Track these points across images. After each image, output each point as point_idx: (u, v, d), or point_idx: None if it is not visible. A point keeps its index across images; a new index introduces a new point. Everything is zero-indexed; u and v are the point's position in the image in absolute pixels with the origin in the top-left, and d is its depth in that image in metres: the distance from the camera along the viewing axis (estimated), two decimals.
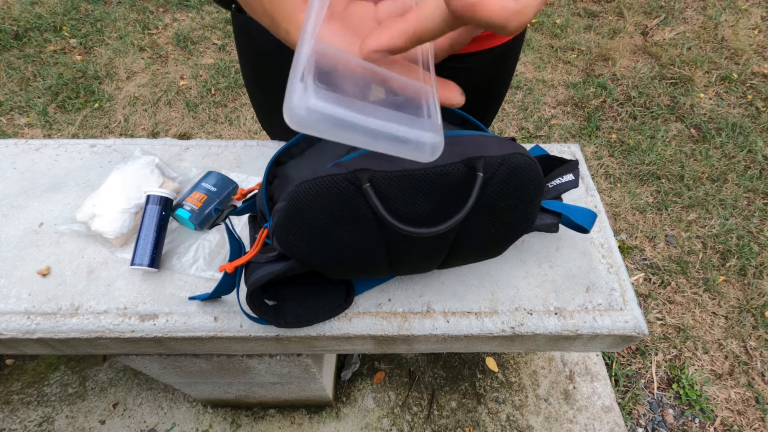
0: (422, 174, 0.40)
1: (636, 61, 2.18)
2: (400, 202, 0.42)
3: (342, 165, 0.41)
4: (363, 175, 0.40)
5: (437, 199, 0.43)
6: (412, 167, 0.40)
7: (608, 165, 1.78)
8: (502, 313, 0.59)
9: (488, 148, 0.42)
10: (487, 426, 1.14)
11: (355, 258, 0.49)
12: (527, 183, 0.44)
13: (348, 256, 0.48)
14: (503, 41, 0.64)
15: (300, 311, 0.56)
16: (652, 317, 1.40)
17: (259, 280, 0.48)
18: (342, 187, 0.40)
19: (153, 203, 0.62)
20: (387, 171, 0.40)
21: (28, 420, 1.13)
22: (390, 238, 0.45)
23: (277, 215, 0.43)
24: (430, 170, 0.40)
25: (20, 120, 1.87)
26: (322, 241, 0.46)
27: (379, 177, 0.40)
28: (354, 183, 0.40)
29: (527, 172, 0.43)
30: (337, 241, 0.46)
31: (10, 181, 0.72)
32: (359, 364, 1.22)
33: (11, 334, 0.58)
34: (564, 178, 0.58)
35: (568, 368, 1.23)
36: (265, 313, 0.52)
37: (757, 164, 1.77)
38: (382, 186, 0.40)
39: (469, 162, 0.40)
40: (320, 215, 0.43)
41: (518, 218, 0.49)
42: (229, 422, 1.13)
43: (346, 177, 0.40)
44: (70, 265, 0.63)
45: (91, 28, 2.25)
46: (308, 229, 0.44)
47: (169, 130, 1.87)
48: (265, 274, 0.48)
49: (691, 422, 1.22)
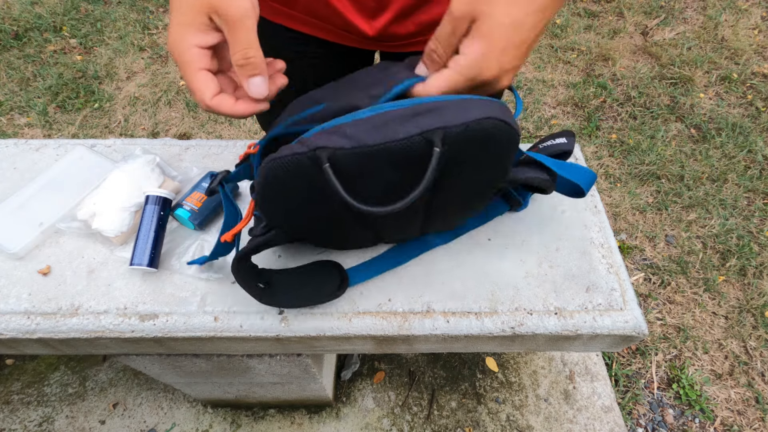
0: (382, 149, 0.39)
1: (636, 61, 2.18)
2: (362, 179, 0.41)
3: (304, 142, 0.40)
4: (322, 153, 0.39)
5: (399, 171, 0.42)
6: (371, 142, 0.39)
7: (608, 165, 1.78)
8: (502, 313, 0.59)
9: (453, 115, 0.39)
10: (487, 426, 1.14)
11: (332, 230, 0.50)
12: (495, 145, 0.42)
13: (324, 228, 0.49)
14: None
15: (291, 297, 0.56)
16: (652, 317, 1.40)
17: (247, 248, 0.49)
18: (305, 165, 0.40)
19: (152, 203, 0.62)
20: (346, 148, 0.39)
21: (28, 420, 1.13)
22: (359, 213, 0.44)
23: (256, 188, 0.44)
24: (389, 145, 0.39)
25: (20, 120, 1.87)
26: (297, 214, 0.46)
27: (339, 155, 0.39)
28: (315, 161, 0.39)
29: (494, 135, 0.41)
30: (311, 214, 0.46)
31: (10, 181, 0.72)
32: (359, 364, 1.22)
33: (11, 334, 0.58)
34: (556, 140, 0.55)
35: (568, 368, 1.23)
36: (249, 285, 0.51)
37: (757, 164, 1.77)
38: (342, 163, 0.39)
39: (427, 135, 0.38)
40: (290, 191, 0.43)
41: (490, 175, 0.48)
42: (229, 422, 1.13)
43: (307, 156, 0.39)
44: (70, 265, 0.63)
45: (91, 28, 2.25)
46: (282, 202, 0.45)
47: (169, 130, 1.87)
48: (253, 245, 0.49)
49: (691, 422, 1.22)
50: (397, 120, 0.39)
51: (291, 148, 0.40)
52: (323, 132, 0.40)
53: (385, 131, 0.39)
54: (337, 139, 0.39)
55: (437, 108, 0.39)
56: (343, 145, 0.39)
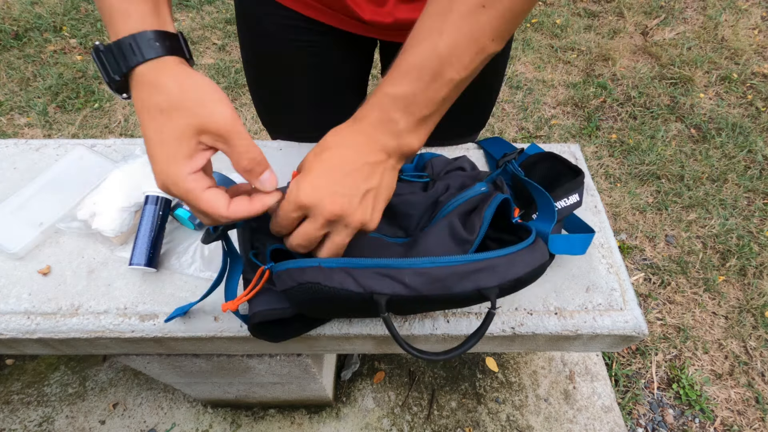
0: (435, 298, 0.42)
1: (636, 61, 2.18)
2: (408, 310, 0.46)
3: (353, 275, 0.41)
4: (381, 299, 0.41)
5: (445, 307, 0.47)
6: (428, 293, 0.41)
7: (608, 165, 1.78)
8: (502, 313, 0.59)
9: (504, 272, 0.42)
10: (487, 426, 1.14)
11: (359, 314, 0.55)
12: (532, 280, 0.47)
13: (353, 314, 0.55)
14: None
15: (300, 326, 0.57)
16: (652, 317, 1.40)
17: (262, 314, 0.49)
18: (355, 299, 0.42)
19: (151, 203, 0.62)
20: (403, 295, 0.41)
21: (28, 420, 1.13)
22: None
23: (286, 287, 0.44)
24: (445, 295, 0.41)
25: (20, 120, 1.87)
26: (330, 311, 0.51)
27: (394, 299, 0.41)
28: (368, 300, 0.41)
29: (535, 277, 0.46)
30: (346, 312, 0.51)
31: (10, 181, 0.72)
32: (359, 364, 1.22)
33: (11, 334, 0.58)
34: (569, 200, 0.59)
35: (568, 368, 1.23)
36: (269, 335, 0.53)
37: (757, 164, 1.77)
38: (396, 303, 0.42)
39: (484, 291, 0.42)
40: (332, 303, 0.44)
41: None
42: (229, 422, 1.13)
43: (361, 295, 0.41)
44: (70, 265, 0.63)
45: (91, 28, 2.25)
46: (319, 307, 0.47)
47: None
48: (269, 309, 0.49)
49: (691, 422, 1.22)
50: (455, 276, 0.41)
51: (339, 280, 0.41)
52: (374, 272, 0.41)
53: (442, 285, 0.41)
54: (392, 284, 0.41)
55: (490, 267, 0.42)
56: (399, 292, 0.41)
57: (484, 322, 0.44)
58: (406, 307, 0.44)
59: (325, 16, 0.63)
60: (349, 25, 0.63)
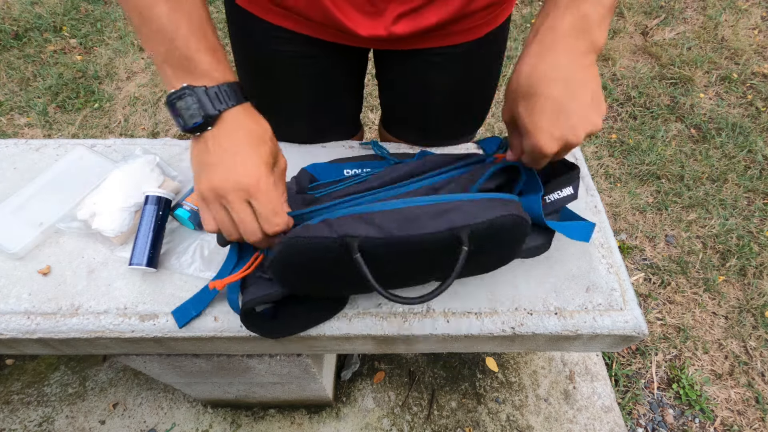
0: (408, 240, 0.41)
1: (636, 61, 2.18)
2: (387, 264, 0.44)
3: (331, 224, 0.42)
4: (353, 242, 0.41)
5: (422, 260, 0.45)
6: (399, 234, 0.41)
7: (608, 165, 1.78)
8: (502, 313, 0.59)
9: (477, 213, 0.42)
10: (487, 426, 1.14)
11: (348, 288, 0.53)
12: (511, 239, 0.47)
13: (341, 286, 0.52)
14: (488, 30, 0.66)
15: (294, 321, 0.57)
16: (652, 317, 1.40)
17: (253, 301, 0.50)
18: (333, 248, 0.42)
19: (151, 203, 0.62)
20: (375, 238, 0.41)
21: (28, 420, 1.13)
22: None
23: (271, 256, 0.45)
24: (417, 236, 0.41)
25: (20, 120, 1.87)
26: (315, 280, 0.49)
27: (368, 243, 0.41)
28: (344, 247, 0.41)
29: (511, 230, 0.46)
30: (330, 279, 0.49)
31: (10, 181, 0.72)
32: (359, 364, 1.22)
33: (11, 334, 0.58)
34: (563, 192, 0.58)
35: (568, 368, 1.23)
36: (260, 328, 0.53)
37: (757, 164, 1.77)
38: (370, 250, 0.41)
39: (455, 231, 0.41)
40: (312, 265, 0.45)
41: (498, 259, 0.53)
42: (229, 422, 1.13)
43: (336, 241, 0.41)
44: (70, 265, 0.63)
45: (91, 28, 2.25)
46: (301, 271, 0.47)
47: (169, 130, 1.87)
48: (260, 295, 0.50)
49: (691, 422, 1.22)
50: (427, 216, 0.41)
51: (317, 230, 0.42)
52: (350, 217, 0.42)
53: (415, 225, 0.41)
54: (366, 227, 0.41)
55: (462, 206, 0.42)
56: (372, 234, 0.41)
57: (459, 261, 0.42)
58: (383, 259, 0.43)
59: (319, 32, 0.62)
60: (344, 39, 0.63)
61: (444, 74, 0.69)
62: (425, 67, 0.68)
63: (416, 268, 0.48)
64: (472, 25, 0.62)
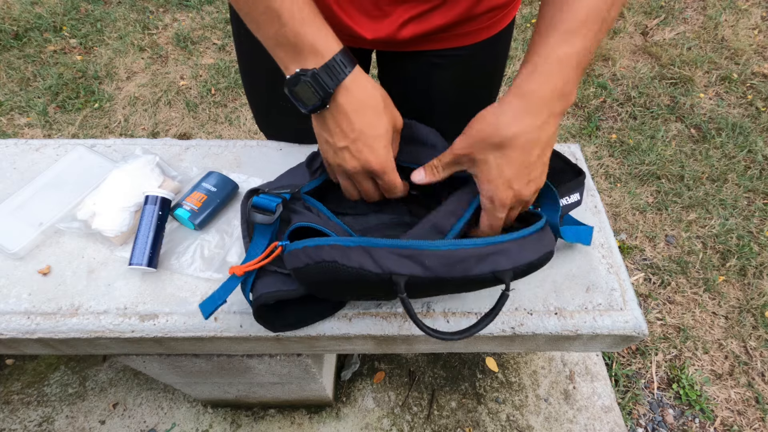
0: (452, 280, 0.43)
1: (636, 61, 2.18)
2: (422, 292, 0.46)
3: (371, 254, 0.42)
4: (399, 280, 0.41)
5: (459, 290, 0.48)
6: (445, 275, 0.42)
7: (608, 165, 1.78)
8: (502, 313, 0.59)
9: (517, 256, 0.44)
10: (487, 426, 1.14)
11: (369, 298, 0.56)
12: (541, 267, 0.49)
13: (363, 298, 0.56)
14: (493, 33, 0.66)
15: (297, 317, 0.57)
16: (652, 317, 1.40)
17: (270, 295, 0.49)
18: (372, 279, 0.42)
19: (150, 203, 0.62)
20: (421, 277, 0.42)
21: (28, 420, 1.13)
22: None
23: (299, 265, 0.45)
24: (461, 278, 0.42)
25: (20, 120, 1.87)
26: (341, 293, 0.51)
27: (412, 281, 0.42)
28: (386, 281, 0.42)
29: (543, 263, 0.48)
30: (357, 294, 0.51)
31: (10, 181, 0.72)
32: (359, 364, 1.22)
33: (11, 334, 0.58)
34: (570, 198, 0.60)
35: (568, 368, 1.23)
36: (270, 323, 0.53)
37: (757, 164, 1.77)
38: (413, 285, 0.42)
39: (498, 274, 0.43)
40: (346, 284, 0.45)
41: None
42: (229, 422, 1.13)
43: (380, 276, 0.42)
44: (70, 265, 0.63)
45: (91, 28, 2.25)
46: (330, 287, 0.48)
47: (169, 130, 1.87)
48: (274, 291, 0.50)
49: (691, 422, 1.22)
50: (473, 259, 0.43)
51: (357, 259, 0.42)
52: (394, 253, 0.42)
53: (460, 267, 0.42)
54: (414, 266, 0.42)
55: (506, 249, 0.44)
56: (419, 274, 0.42)
57: (498, 302, 0.45)
58: (420, 289, 0.44)
59: None
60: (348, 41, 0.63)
61: (447, 76, 0.69)
62: (428, 68, 0.68)
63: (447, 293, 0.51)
64: (477, 27, 0.62)
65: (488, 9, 0.60)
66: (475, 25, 0.62)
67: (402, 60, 0.68)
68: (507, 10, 0.64)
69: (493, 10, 0.61)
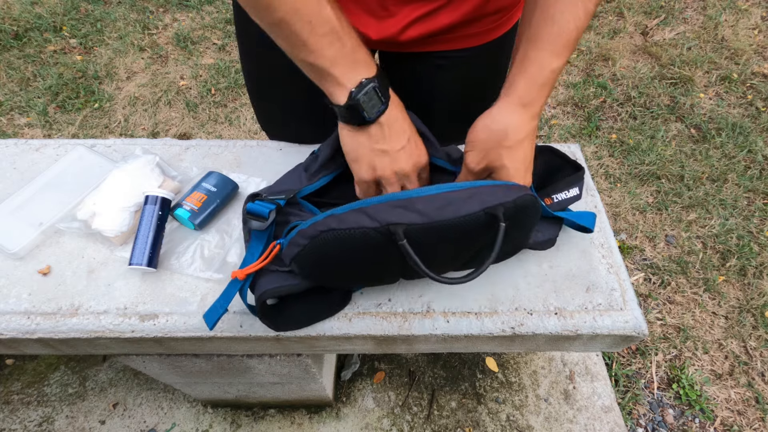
0: (449, 224, 0.44)
1: (636, 61, 2.18)
2: (428, 249, 0.46)
3: (367, 212, 0.43)
4: (397, 229, 0.42)
5: (459, 242, 0.48)
6: (439, 219, 0.43)
7: (608, 165, 1.78)
8: (502, 313, 0.59)
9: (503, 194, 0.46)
10: (487, 426, 1.14)
11: (372, 279, 0.56)
12: (530, 217, 0.51)
13: (365, 278, 0.55)
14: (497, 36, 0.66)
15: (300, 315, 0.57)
16: (652, 317, 1.40)
17: (271, 292, 0.49)
18: (372, 237, 0.43)
19: (150, 203, 0.62)
20: (418, 224, 0.43)
21: (28, 420, 1.13)
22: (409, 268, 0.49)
23: (298, 250, 0.45)
24: (456, 220, 0.43)
25: (20, 120, 1.87)
26: (343, 273, 0.51)
27: (411, 229, 0.43)
28: (386, 235, 0.43)
29: (531, 209, 0.50)
30: (358, 271, 0.51)
31: (10, 181, 0.72)
32: (359, 364, 1.22)
33: (11, 334, 0.58)
34: (570, 192, 0.62)
35: (568, 368, 1.23)
36: (273, 321, 0.53)
37: (757, 164, 1.77)
38: (413, 237, 0.43)
39: (489, 210, 0.44)
40: (345, 258, 0.46)
41: (517, 243, 0.58)
42: (229, 422, 1.13)
43: (378, 230, 0.42)
44: (70, 265, 0.63)
45: (91, 28, 2.25)
46: (331, 265, 0.48)
47: (169, 130, 1.87)
48: (277, 287, 0.50)
49: (691, 422, 1.22)
50: (460, 200, 0.44)
51: (352, 219, 0.43)
52: (387, 205, 0.43)
53: (451, 209, 0.44)
54: (407, 214, 0.43)
55: (485, 190, 0.46)
56: (416, 221, 0.43)
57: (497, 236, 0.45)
58: (423, 243, 0.44)
59: None
60: None
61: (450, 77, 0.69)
62: (432, 69, 0.68)
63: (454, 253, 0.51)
64: (482, 29, 0.63)
65: (493, 11, 0.60)
66: (480, 27, 0.62)
67: (406, 61, 0.68)
68: (512, 12, 0.64)
69: (498, 12, 0.61)
